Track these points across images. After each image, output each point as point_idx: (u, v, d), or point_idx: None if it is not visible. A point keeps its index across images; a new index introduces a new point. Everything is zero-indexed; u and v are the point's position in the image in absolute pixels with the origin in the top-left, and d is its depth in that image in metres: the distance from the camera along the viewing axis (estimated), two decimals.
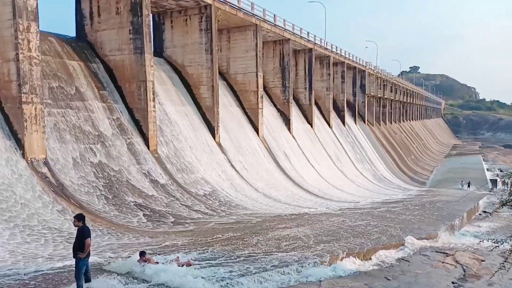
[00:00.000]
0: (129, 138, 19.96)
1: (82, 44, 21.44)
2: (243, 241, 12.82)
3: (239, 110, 30.71)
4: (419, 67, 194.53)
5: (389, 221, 17.21)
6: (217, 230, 14.98)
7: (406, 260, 11.99)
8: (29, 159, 14.94)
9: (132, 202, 16.86)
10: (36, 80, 15.49)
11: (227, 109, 29.11)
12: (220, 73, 29.35)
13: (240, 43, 30.83)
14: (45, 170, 15.21)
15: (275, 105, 36.06)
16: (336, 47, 47.28)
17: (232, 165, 25.35)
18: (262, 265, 10.23)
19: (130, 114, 20.91)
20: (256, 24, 30.21)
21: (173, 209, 17.73)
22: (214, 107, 25.87)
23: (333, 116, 46.46)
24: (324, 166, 36.63)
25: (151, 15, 21.35)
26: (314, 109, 41.52)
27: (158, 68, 24.34)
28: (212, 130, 25.81)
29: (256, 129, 30.64)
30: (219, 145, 25.93)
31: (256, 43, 30.26)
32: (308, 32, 39.69)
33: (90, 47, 21.52)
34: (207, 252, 11.39)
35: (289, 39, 35.46)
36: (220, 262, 10.52)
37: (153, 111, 21.00)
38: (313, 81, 40.71)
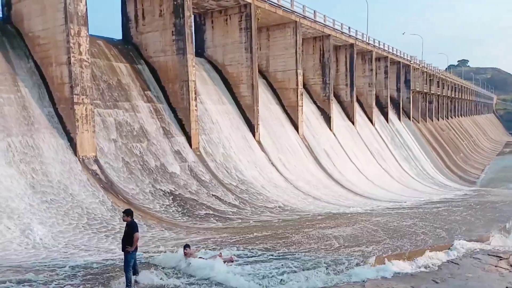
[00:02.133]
0: (172, 137, 20.56)
1: (128, 46, 22.32)
2: (284, 239, 12.81)
3: (279, 108, 30.65)
4: (468, 61, 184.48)
5: (436, 222, 16.48)
6: (258, 228, 15.07)
7: (455, 263, 11.41)
8: (80, 157, 15.80)
9: (176, 198, 17.35)
10: (86, 82, 16.33)
11: (267, 107, 29.16)
12: (260, 71, 29.44)
13: (279, 40, 30.75)
14: (95, 167, 16.03)
15: (315, 103, 35.63)
16: (379, 41, 45.89)
17: (272, 163, 25.38)
18: (303, 263, 10.17)
19: (173, 113, 21.52)
20: (296, 21, 29.98)
21: (215, 205, 18.05)
22: (254, 106, 26.00)
23: (375, 112, 45.14)
24: (366, 164, 35.72)
25: (192, 16, 21.81)
26: (356, 106, 40.57)
27: (199, 68, 24.84)
28: (252, 128, 25.98)
29: (296, 127, 30.44)
30: (259, 143, 26.04)
31: (296, 40, 30.03)
32: (349, 27, 38.84)
33: (136, 49, 22.37)
34: (249, 249, 11.49)
35: (329, 35, 34.87)
36: (262, 259, 10.57)
37: (195, 110, 21.47)
38: (354, 77, 39.78)
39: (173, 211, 16.44)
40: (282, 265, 10.02)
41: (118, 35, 23.37)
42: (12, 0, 17.34)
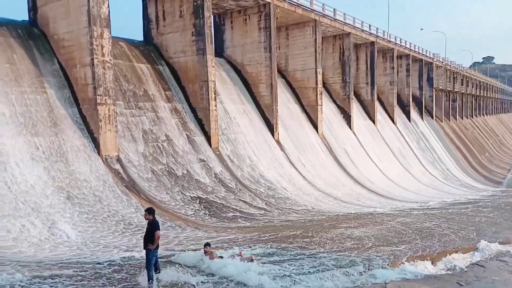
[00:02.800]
0: (192, 136, 20.76)
1: (149, 47, 22.67)
2: (304, 239, 12.74)
3: (298, 107, 30.51)
4: (493, 58, 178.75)
5: (460, 223, 16.07)
6: (277, 227, 15.04)
7: (480, 265, 11.09)
8: (103, 156, 16.14)
9: (196, 197, 17.52)
10: (109, 83, 16.67)
11: (286, 107, 29.07)
12: (279, 71, 29.38)
13: (298, 39, 30.60)
14: (117, 166, 16.34)
15: (334, 102, 35.29)
16: (400, 39, 45.05)
17: (291, 163, 25.29)
18: (324, 264, 10.09)
19: (193, 113, 21.73)
20: (315, 20, 29.77)
21: (234, 205, 18.12)
22: (273, 105, 25.97)
23: (397, 111, 44.35)
24: (387, 164, 35.14)
25: (212, 16, 21.97)
26: (377, 104, 39.96)
27: (219, 68, 24.99)
28: (271, 127, 25.95)
29: (315, 126, 30.24)
30: (278, 142, 25.99)
31: (315, 39, 29.82)
32: (369, 25, 38.29)
33: (156, 50, 22.69)
34: (269, 248, 11.48)
35: (349, 33, 34.46)
36: (282, 259, 10.55)
37: (215, 110, 21.61)
38: (375, 76, 39.20)
39: (193, 210, 16.58)
40: (302, 265, 9.97)
41: (139, 36, 23.76)
42: (38, 3, 17.86)
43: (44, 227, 12.39)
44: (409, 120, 47.17)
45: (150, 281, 8.34)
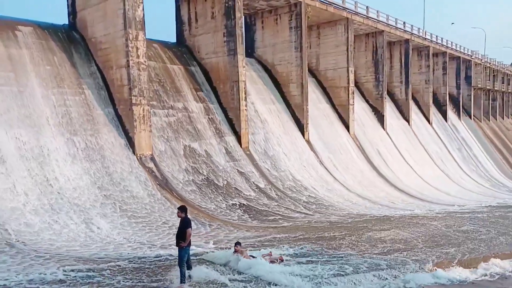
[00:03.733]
0: (223, 136, 20.98)
1: (182, 48, 23.10)
2: (335, 241, 12.58)
3: (329, 107, 30.14)
4: None
5: (501, 227, 15.32)
6: (308, 228, 14.94)
7: None
8: (138, 155, 16.62)
9: (226, 196, 17.69)
10: (144, 84, 17.13)
11: (316, 106, 28.79)
12: (309, 70, 29.14)
13: (330, 38, 30.22)
14: (151, 165, 16.78)
15: (367, 101, 34.58)
16: (436, 36, 43.50)
17: (321, 163, 25.02)
18: (356, 266, 9.92)
19: (224, 113, 21.96)
20: (347, 18, 29.30)
21: (264, 204, 18.16)
22: (303, 105, 25.79)
23: (433, 111, 42.87)
24: (422, 165, 34.04)
25: (243, 17, 22.10)
26: (411, 104, 38.80)
27: (249, 68, 25.10)
28: (301, 127, 25.79)
29: (347, 126, 29.76)
30: (308, 142, 25.79)
31: (347, 37, 29.35)
32: (404, 22, 37.23)
33: (189, 51, 23.10)
34: (299, 249, 11.43)
35: (382, 31, 33.66)
36: (312, 260, 10.47)
37: (245, 110, 21.73)
38: (410, 74, 38.07)
39: (224, 209, 16.76)
40: (334, 267, 9.85)
41: (172, 38, 24.28)
42: (77, 8, 18.62)
43: (82, 223, 12.92)
44: (446, 120, 45.47)
45: (183, 278, 8.51)
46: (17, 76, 15.37)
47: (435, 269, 9.96)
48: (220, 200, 17.33)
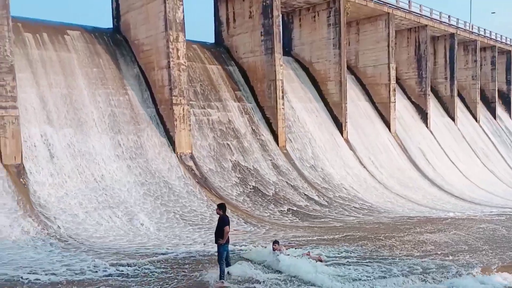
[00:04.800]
0: (260, 135, 21.06)
1: (220, 49, 23.42)
2: (376, 242, 12.28)
3: (369, 105, 29.40)
4: None
5: None
6: (347, 229, 14.67)
7: None
8: (178, 153, 17.06)
9: (263, 194, 17.74)
10: (184, 84, 17.54)
11: (355, 104, 28.19)
12: (348, 67, 28.56)
13: (370, 34, 29.46)
14: (191, 163, 17.17)
15: (409, 98, 33.40)
16: (484, 29, 41.16)
17: (360, 162, 24.47)
18: (397, 269, 9.63)
19: (261, 112, 22.03)
20: (388, 13, 28.42)
21: (301, 204, 18.04)
22: (342, 103, 25.34)
23: (480, 108, 40.65)
24: (469, 165, 32.40)
25: (280, 15, 22.04)
26: (457, 101, 37.00)
27: (286, 67, 25.00)
28: (339, 126, 25.36)
29: (388, 124, 28.90)
30: (347, 141, 25.30)
31: (388, 33, 28.48)
32: (449, 16, 35.56)
33: (227, 51, 23.37)
34: (338, 249, 11.26)
35: (426, 25, 32.34)
36: (351, 261, 10.28)
37: (282, 108, 21.68)
38: (455, 70, 36.31)
39: (261, 207, 16.82)
40: (373, 269, 9.62)
41: (210, 38, 24.65)
42: (121, 12, 19.37)
43: (126, 219, 13.45)
44: (495, 118, 42.99)
45: (222, 274, 8.63)
46: (66, 78, 16.24)
47: (481, 275, 9.46)
48: (258, 199, 17.40)
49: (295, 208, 17.39)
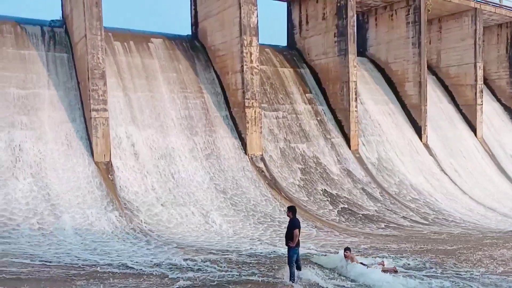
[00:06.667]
0: (331, 138, 20.66)
1: (292, 51, 23.46)
2: (457, 256, 11.33)
3: (451, 107, 27.29)
4: None
5: None
6: (425, 240, 13.76)
7: None
8: (249, 155, 17.43)
9: (334, 199, 17.36)
10: (256, 87, 17.89)
11: (436, 106, 26.34)
12: (429, 67, 26.82)
13: (453, 31, 27.35)
14: (261, 165, 17.43)
15: (499, 100, 30.35)
16: None
17: (441, 169, 22.79)
18: (475, 285, 8.79)
19: (333, 115, 21.60)
20: (475, 8, 26.13)
21: (374, 211, 17.31)
22: (421, 105, 23.84)
23: None
24: None
25: (355, 15, 21.45)
26: None
27: (360, 68, 24.24)
28: (418, 129, 23.89)
29: (473, 129, 26.55)
30: (426, 146, 23.73)
31: (475, 30, 26.18)
32: None
33: (299, 54, 23.33)
34: (415, 261, 10.60)
35: None
36: (430, 274, 9.61)
37: (355, 111, 21.04)
38: None
39: (331, 212, 16.49)
40: (454, 284, 8.88)
41: (281, 41, 24.81)
42: (199, 19, 20.37)
43: (200, 216, 14.08)
44: None
45: (292, 278, 8.61)
46: (149, 83, 17.50)
47: None
48: (328, 203, 17.09)
49: (367, 214, 16.74)
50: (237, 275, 9.26)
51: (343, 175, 19.21)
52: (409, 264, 10.32)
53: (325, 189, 17.85)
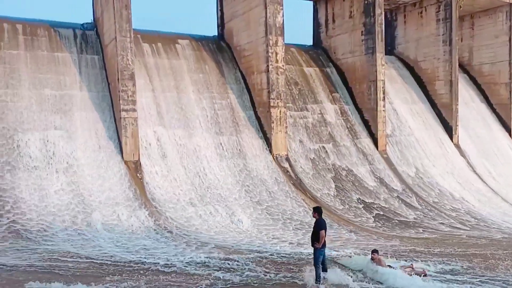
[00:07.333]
0: (357, 138, 20.33)
1: (318, 51, 23.25)
2: (491, 260, 10.92)
3: (484, 106, 26.31)
4: None
5: None
6: (456, 243, 13.33)
7: None
8: (274, 155, 17.41)
9: (361, 201, 17.09)
10: (281, 87, 17.84)
11: (468, 106, 25.47)
12: (460, 65, 25.89)
13: (486, 28, 26.35)
14: (286, 165, 17.37)
15: None
16: None
17: (474, 171, 22.01)
18: None
19: (359, 115, 21.25)
20: (510, 3, 25.07)
21: (403, 212, 16.92)
22: (452, 104, 23.11)
23: None
24: None
25: (383, 13, 21.02)
26: None
27: (388, 66, 23.72)
28: (449, 129, 23.17)
29: (508, 129, 25.50)
30: (457, 146, 22.98)
31: (510, 26, 25.11)
32: None
33: (325, 53, 23.09)
34: (445, 265, 10.29)
35: None
36: (461, 279, 9.30)
37: (383, 110, 20.62)
38: None
39: (357, 213, 16.24)
40: None
41: (307, 40, 24.62)
42: (225, 20, 20.52)
43: (226, 215, 14.18)
44: None
45: (318, 278, 8.54)
46: (177, 83, 17.78)
47: None
48: (355, 203, 16.83)
49: (394, 217, 16.37)
50: (263, 275, 9.25)
51: (370, 175, 18.88)
52: (440, 268, 10.01)
53: (351, 190, 17.57)
